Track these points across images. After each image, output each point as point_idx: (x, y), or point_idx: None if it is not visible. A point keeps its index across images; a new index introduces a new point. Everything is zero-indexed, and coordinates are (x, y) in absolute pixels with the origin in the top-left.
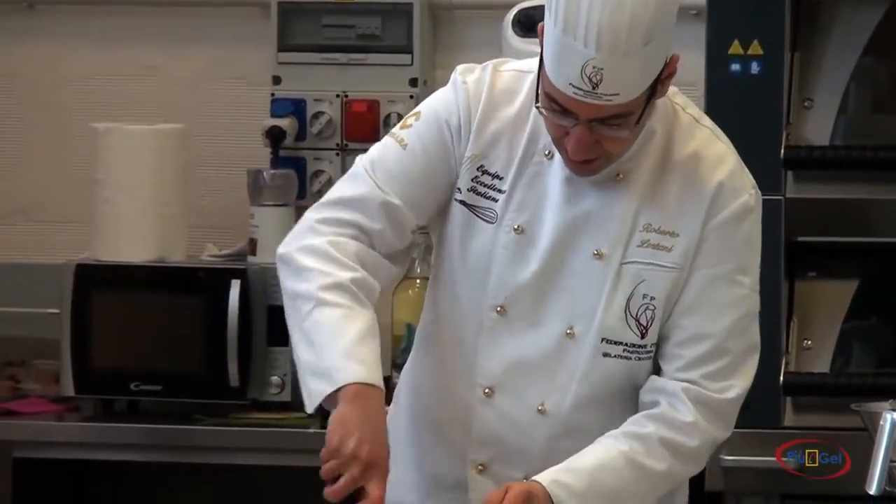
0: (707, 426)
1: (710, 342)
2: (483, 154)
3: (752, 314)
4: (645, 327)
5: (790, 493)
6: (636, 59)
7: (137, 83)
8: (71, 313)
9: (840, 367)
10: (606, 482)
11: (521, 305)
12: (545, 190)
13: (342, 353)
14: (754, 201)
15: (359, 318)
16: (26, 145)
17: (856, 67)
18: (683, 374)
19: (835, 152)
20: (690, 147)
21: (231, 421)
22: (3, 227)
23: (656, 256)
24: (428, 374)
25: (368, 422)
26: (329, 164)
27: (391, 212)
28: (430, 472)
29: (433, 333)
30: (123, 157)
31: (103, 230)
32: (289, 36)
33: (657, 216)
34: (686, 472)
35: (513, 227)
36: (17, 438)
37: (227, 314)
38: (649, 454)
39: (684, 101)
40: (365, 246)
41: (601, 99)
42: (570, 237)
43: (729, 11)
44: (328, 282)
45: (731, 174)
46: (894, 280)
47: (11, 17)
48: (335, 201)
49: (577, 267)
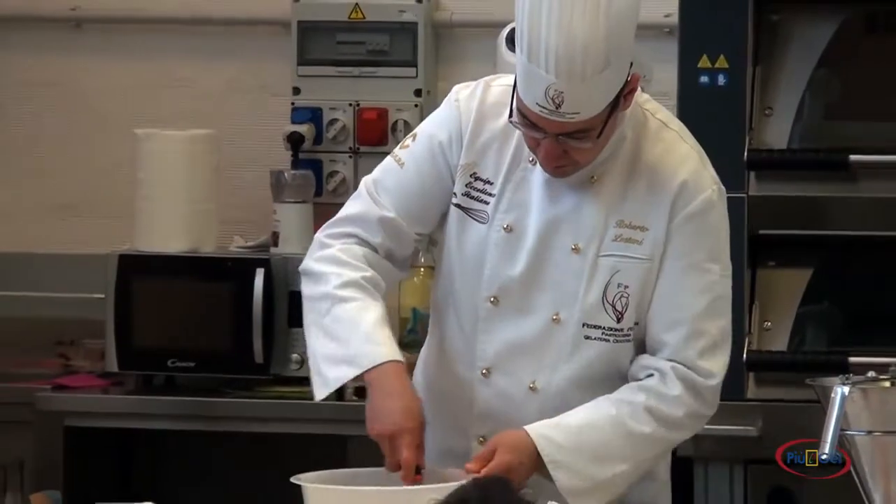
0: (692, 402)
1: (688, 325)
2: (475, 162)
3: (724, 297)
4: (620, 313)
5: (751, 458)
6: (594, 83)
7: (172, 93)
8: (114, 298)
9: (796, 346)
10: (592, 439)
11: (511, 296)
12: (530, 192)
13: (363, 340)
14: (717, 195)
15: (373, 309)
16: (73, 148)
17: (810, 79)
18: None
19: (792, 155)
20: (658, 149)
21: (256, 393)
22: (54, 221)
23: (629, 249)
24: (435, 358)
25: (394, 395)
26: (343, 166)
27: (388, 225)
28: (440, 444)
29: (438, 322)
30: (161, 159)
31: (143, 224)
32: (307, 51)
33: (628, 213)
34: (670, 439)
35: (502, 227)
36: (67, 409)
37: (252, 299)
38: (635, 418)
39: (654, 106)
40: (370, 251)
41: (564, 117)
42: (552, 234)
43: (698, 29)
44: (342, 281)
45: (694, 172)
46: (845, 268)
47: (61, 34)
48: (340, 219)
49: (559, 260)
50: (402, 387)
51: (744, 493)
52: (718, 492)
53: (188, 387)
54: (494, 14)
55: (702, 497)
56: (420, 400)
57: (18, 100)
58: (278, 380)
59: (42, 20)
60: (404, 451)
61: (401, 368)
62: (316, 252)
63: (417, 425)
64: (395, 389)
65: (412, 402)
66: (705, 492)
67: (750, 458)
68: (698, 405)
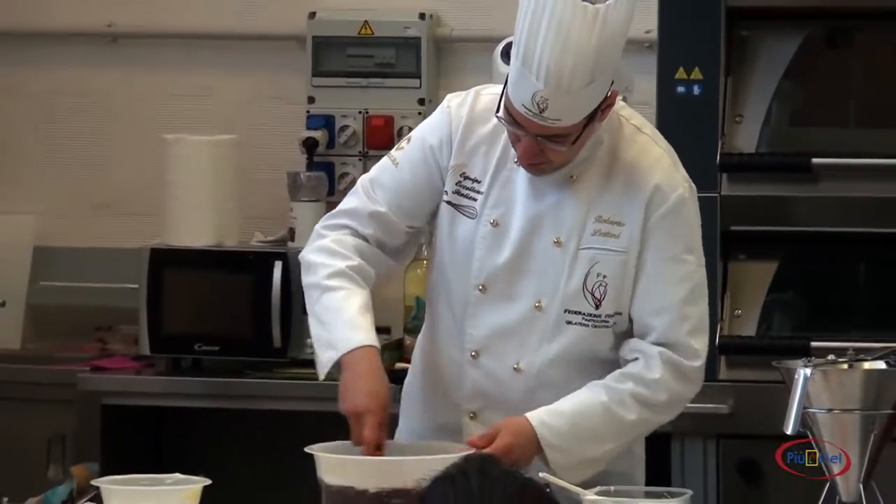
0: (675, 385)
1: (672, 312)
2: (465, 163)
3: (701, 284)
4: (599, 300)
5: (723, 433)
6: (577, 96)
7: (198, 102)
8: (147, 288)
9: (764, 332)
10: (584, 425)
11: (498, 284)
12: (514, 191)
13: (345, 326)
14: (688, 193)
15: (356, 297)
16: (109, 152)
17: (776, 89)
18: (658, 340)
19: (760, 158)
20: (633, 151)
21: (274, 375)
22: (92, 218)
23: (607, 243)
24: (430, 342)
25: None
26: (353, 168)
27: (379, 218)
28: (434, 420)
29: (431, 308)
30: (188, 162)
31: (172, 221)
32: (320, 64)
33: (606, 209)
34: (654, 421)
35: (489, 222)
36: (104, 389)
37: (271, 289)
38: (622, 405)
39: (629, 113)
40: (362, 241)
41: (546, 121)
42: (535, 228)
43: (675, 44)
44: (330, 271)
45: (666, 174)
46: (808, 261)
47: (98, 48)
48: (337, 212)
49: (541, 252)
50: (372, 370)
51: (716, 465)
52: (693, 464)
53: (213, 369)
54: (490, 30)
55: (678, 469)
56: (387, 384)
57: (60, 109)
58: (295, 362)
59: (81, 35)
60: (366, 430)
61: (373, 353)
62: (313, 242)
63: (380, 407)
64: (364, 372)
65: (378, 385)
66: (682, 464)
67: (722, 434)
68: (682, 388)
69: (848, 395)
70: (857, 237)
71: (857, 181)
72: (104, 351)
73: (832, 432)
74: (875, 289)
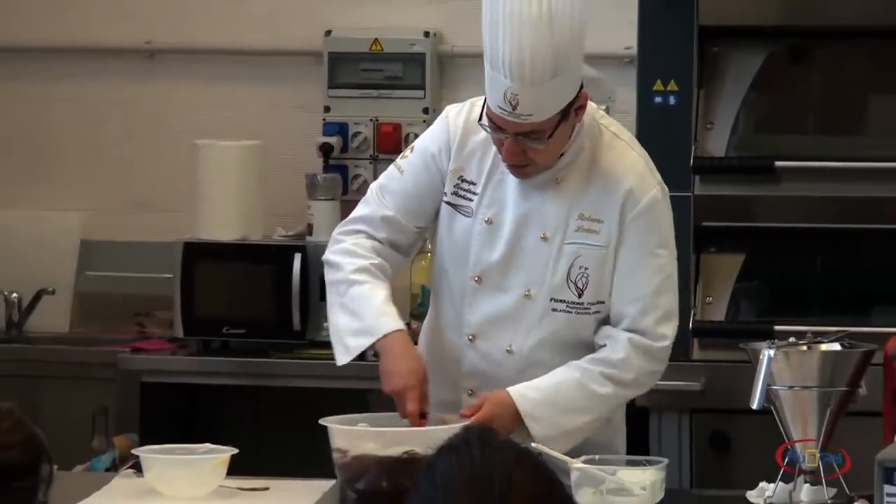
0: (642, 364)
1: (644, 301)
2: (462, 167)
3: (672, 275)
4: (581, 290)
5: (696, 408)
6: (544, 89)
7: (227, 111)
8: (180, 277)
9: (732, 317)
10: (561, 397)
11: (492, 276)
12: (506, 192)
13: (376, 314)
14: (661, 194)
15: (381, 289)
16: (145, 156)
17: (743, 99)
18: (629, 327)
19: (729, 161)
20: (611, 156)
21: (294, 355)
22: (132, 214)
23: (588, 238)
24: (433, 327)
25: (400, 357)
26: (364, 170)
27: (390, 222)
28: (436, 397)
29: (434, 297)
30: (217, 164)
31: (202, 217)
32: (336, 77)
33: (587, 208)
34: (626, 395)
35: (484, 220)
36: (143, 368)
37: (291, 278)
38: (595, 381)
39: (609, 121)
40: (377, 243)
41: (519, 118)
42: (525, 226)
43: (653, 59)
44: (355, 267)
45: (640, 176)
46: (771, 254)
47: (135, 62)
48: (351, 220)
49: (530, 247)
50: (407, 351)
51: (689, 437)
52: (669, 436)
53: (239, 350)
54: None
55: (655, 440)
56: (422, 360)
57: (103, 117)
58: (313, 344)
59: (122, 51)
60: (409, 405)
61: (405, 336)
62: (333, 246)
63: (419, 382)
64: (400, 353)
65: (415, 363)
66: (659, 435)
67: (695, 408)
68: (650, 366)
69: (807, 374)
70: (815, 232)
71: (815, 182)
72: (142, 334)
73: (793, 407)
74: (831, 279)
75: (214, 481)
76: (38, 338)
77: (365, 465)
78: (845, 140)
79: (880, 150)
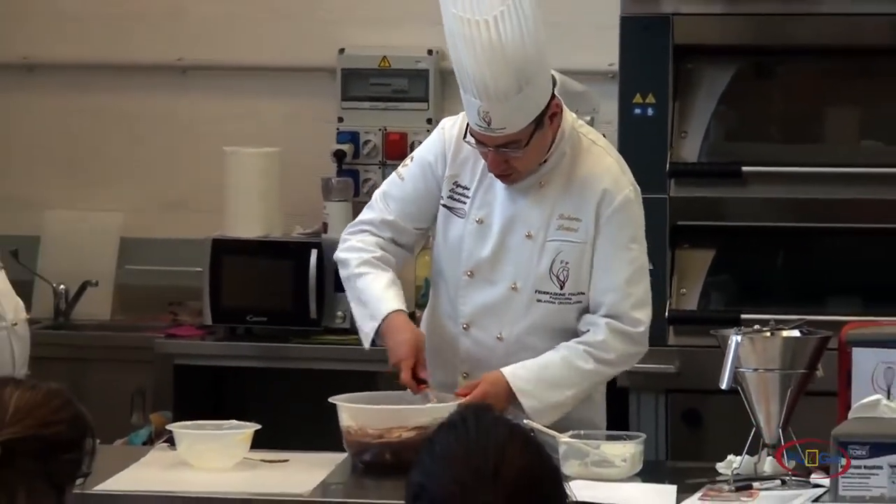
0: (620, 346)
1: (618, 290)
2: (457, 174)
3: (643, 266)
4: (563, 282)
5: (671, 388)
6: (512, 104)
7: (251, 121)
8: (209, 270)
9: (704, 306)
10: (548, 374)
11: (483, 271)
12: (495, 195)
13: (376, 300)
14: (633, 195)
15: (381, 277)
16: (178, 162)
17: (714, 111)
18: (607, 313)
19: (701, 166)
20: (588, 161)
21: (311, 341)
22: (166, 214)
23: (568, 235)
24: (432, 316)
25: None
26: (374, 174)
27: (391, 224)
28: (435, 378)
29: (433, 290)
30: (242, 169)
31: (228, 216)
32: (348, 90)
33: (567, 209)
34: (606, 372)
35: (475, 220)
36: (176, 352)
37: (308, 271)
38: (579, 358)
39: (587, 130)
40: (381, 239)
41: (495, 132)
42: (511, 225)
43: (633, 75)
44: (360, 261)
45: (614, 179)
46: (739, 250)
47: (170, 78)
48: (357, 222)
49: (517, 244)
50: (401, 326)
51: (665, 414)
52: (647, 413)
53: (262, 335)
54: None
55: (635, 417)
56: (418, 332)
57: (140, 127)
58: (328, 330)
59: (157, 67)
60: (403, 375)
61: (401, 314)
62: (342, 245)
63: (411, 353)
64: (395, 328)
65: (408, 335)
66: (637, 413)
67: (670, 388)
68: (628, 348)
69: (770, 358)
70: (778, 230)
71: (778, 185)
72: (175, 321)
73: (757, 388)
74: (792, 272)
75: (240, 454)
76: (83, 325)
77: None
78: (805, 147)
79: (836, 156)
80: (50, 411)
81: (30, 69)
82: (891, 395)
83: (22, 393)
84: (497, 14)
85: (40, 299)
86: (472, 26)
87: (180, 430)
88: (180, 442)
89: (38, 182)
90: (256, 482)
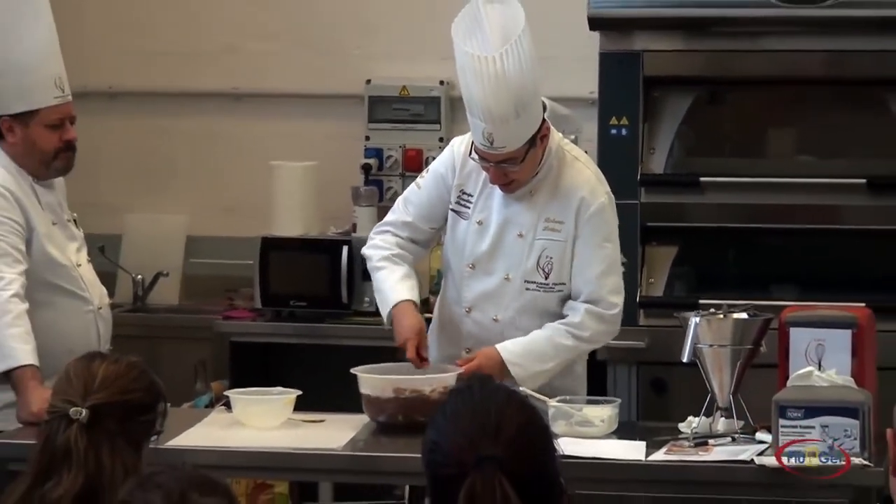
0: (595, 326)
1: (594, 282)
2: (463, 183)
3: (616, 261)
4: (547, 274)
5: (641, 361)
6: (511, 126)
7: (293, 139)
8: (259, 263)
9: (669, 293)
10: (535, 348)
11: (482, 264)
12: (493, 201)
13: (389, 290)
14: (608, 201)
15: (396, 271)
16: (233, 174)
17: (677, 131)
18: (585, 299)
19: (666, 177)
20: (571, 173)
21: (343, 321)
22: (223, 216)
23: (553, 235)
24: (441, 301)
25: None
26: (395, 183)
27: (409, 225)
28: (442, 352)
29: (443, 280)
30: (286, 180)
31: (275, 218)
32: (374, 114)
33: (552, 213)
34: (584, 347)
35: (476, 222)
36: (232, 331)
37: (341, 264)
38: (560, 336)
39: (570, 147)
40: (400, 239)
41: (496, 150)
42: (506, 226)
43: (610, 101)
44: (380, 257)
45: (591, 188)
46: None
47: (225, 103)
48: (382, 223)
49: (510, 243)
50: (406, 312)
51: (636, 383)
52: (621, 382)
53: (303, 317)
54: None
55: (612, 385)
56: (420, 318)
57: (200, 144)
58: (357, 313)
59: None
60: (408, 353)
61: (408, 304)
62: (368, 243)
63: (414, 334)
64: (402, 314)
65: (412, 319)
66: (614, 382)
67: (641, 361)
68: (602, 326)
69: (723, 336)
70: (731, 230)
71: (731, 193)
72: (231, 306)
73: (713, 361)
74: (742, 265)
75: (284, 415)
76: (156, 308)
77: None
78: (752, 161)
79: (777, 169)
80: (130, 381)
81: (112, 96)
82: (821, 366)
83: (107, 365)
84: (503, 51)
85: (121, 287)
86: (482, 62)
87: (235, 396)
88: (235, 405)
89: (120, 190)
90: (298, 438)
